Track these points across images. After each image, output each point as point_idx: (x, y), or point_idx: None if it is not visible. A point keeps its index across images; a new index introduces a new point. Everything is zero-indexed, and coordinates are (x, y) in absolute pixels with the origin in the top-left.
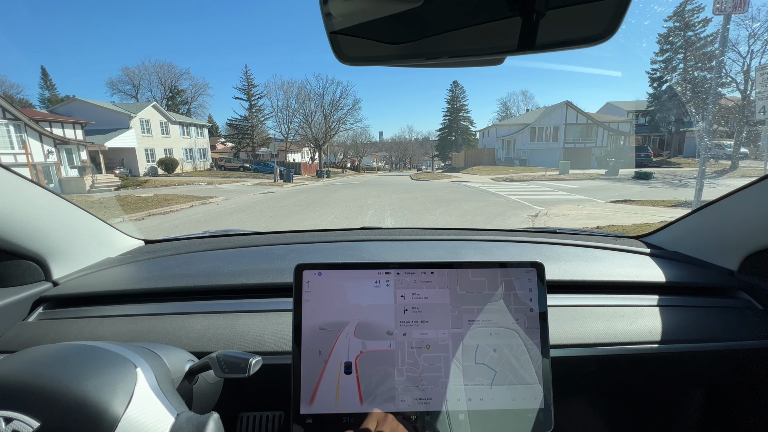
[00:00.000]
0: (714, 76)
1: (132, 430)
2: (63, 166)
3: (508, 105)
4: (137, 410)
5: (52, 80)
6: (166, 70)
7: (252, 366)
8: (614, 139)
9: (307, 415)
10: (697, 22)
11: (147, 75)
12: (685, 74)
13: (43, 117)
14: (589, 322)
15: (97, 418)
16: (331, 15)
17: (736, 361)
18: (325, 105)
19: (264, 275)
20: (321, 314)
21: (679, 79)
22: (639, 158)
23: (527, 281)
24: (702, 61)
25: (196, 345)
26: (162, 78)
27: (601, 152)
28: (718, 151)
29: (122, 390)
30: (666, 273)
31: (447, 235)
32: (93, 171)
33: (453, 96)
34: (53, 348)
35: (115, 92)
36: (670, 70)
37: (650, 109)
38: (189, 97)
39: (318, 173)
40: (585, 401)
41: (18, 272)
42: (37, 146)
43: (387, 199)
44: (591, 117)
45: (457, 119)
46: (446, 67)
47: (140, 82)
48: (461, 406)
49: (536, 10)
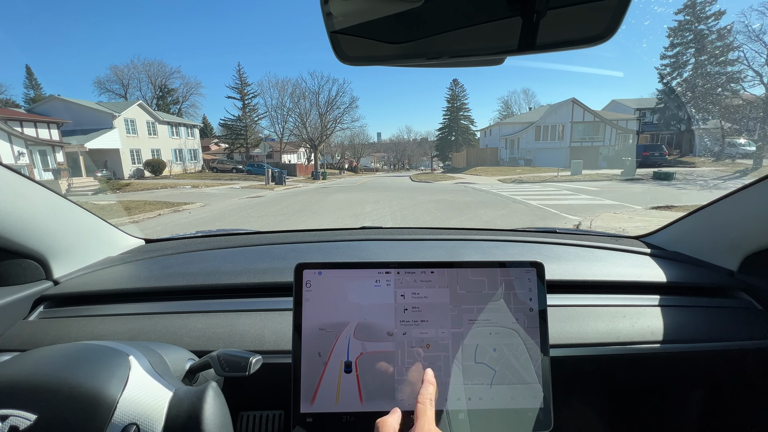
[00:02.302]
0: (731, 70)
1: (131, 408)
2: (36, 169)
3: (509, 104)
4: (134, 391)
5: (37, 79)
6: (156, 69)
7: (252, 365)
8: (622, 137)
9: (307, 414)
10: (710, 15)
11: (136, 74)
12: (696, 69)
13: (13, 116)
14: (589, 322)
15: (94, 404)
16: (332, 15)
17: (736, 361)
18: (320, 103)
19: (264, 274)
20: (321, 313)
21: (690, 74)
22: (653, 157)
23: (527, 281)
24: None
25: (197, 344)
26: (152, 77)
27: (608, 151)
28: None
29: (117, 377)
30: (666, 273)
31: (447, 235)
32: (70, 174)
33: (453, 94)
34: (46, 349)
35: (103, 92)
36: (680, 65)
37: (659, 106)
38: (180, 96)
39: (313, 175)
40: (584, 401)
41: (19, 271)
42: (6, 147)
43: (387, 206)
44: (598, 114)
45: (457, 118)
46: (447, 66)
47: (129, 81)
48: (461, 406)
49: (536, 10)
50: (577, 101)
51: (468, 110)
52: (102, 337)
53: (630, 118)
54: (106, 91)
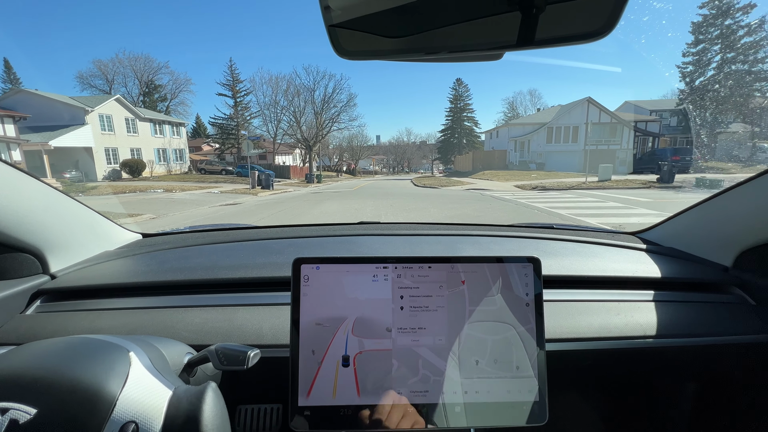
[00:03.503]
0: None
1: (131, 406)
2: None
3: (514, 105)
4: (134, 388)
5: (16, 74)
6: (143, 63)
7: (250, 359)
8: (641, 140)
9: (305, 408)
10: (738, 8)
11: (121, 68)
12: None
13: None
14: (585, 317)
15: (94, 400)
16: (330, 8)
17: (730, 356)
18: (316, 101)
19: (262, 269)
20: (319, 308)
21: (714, 72)
22: (684, 162)
23: (524, 276)
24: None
25: (195, 338)
26: (138, 72)
27: (626, 155)
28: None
29: (117, 373)
30: (661, 269)
31: (445, 230)
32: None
33: (456, 94)
34: (46, 342)
35: (86, 87)
36: (704, 64)
37: (680, 107)
38: (169, 93)
39: (307, 178)
40: (580, 395)
41: (15, 265)
42: None
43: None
44: (615, 115)
45: (460, 119)
46: (445, 61)
47: (114, 77)
48: (457, 399)
49: (536, 5)
50: (592, 101)
51: (472, 111)
52: (100, 331)
53: (650, 120)
54: (89, 86)
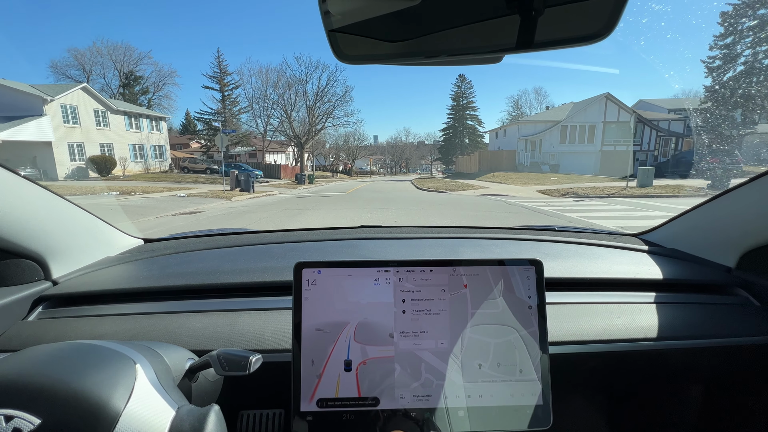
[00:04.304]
0: None
1: (133, 423)
2: None
3: (519, 104)
4: (138, 404)
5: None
6: (122, 53)
7: (252, 364)
8: (663, 141)
9: (307, 413)
10: None
11: (99, 58)
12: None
13: None
14: (588, 319)
15: (98, 414)
16: (330, 13)
17: (734, 358)
18: (308, 94)
19: (263, 273)
20: (321, 312)
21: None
22: (725, 165)
23: (526, 278)
24: None
25: (197, 343)
26: (117, 62)
27: (646, 157)
28: None
29: (122, 385)
30: (664, 270)
31: (446, 233)
32: None
33: (459, 92)
34: (51, 347)
35: (61, 77)
36: (733, 58)
37: (704, 105)
38: (151, 86)
39: (297, 178)
40: (583, 398)
41: (17, 271)
42: None
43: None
44: (638, 114)
45: (463, 118)
46: (445, 65)
47: (92, 67)
48: (460, 403)
49: (535, 8)
50: (611, 97)
51: (475, 109)
52: (102, 337)
53: (674, 119)
54: (63, 76)
